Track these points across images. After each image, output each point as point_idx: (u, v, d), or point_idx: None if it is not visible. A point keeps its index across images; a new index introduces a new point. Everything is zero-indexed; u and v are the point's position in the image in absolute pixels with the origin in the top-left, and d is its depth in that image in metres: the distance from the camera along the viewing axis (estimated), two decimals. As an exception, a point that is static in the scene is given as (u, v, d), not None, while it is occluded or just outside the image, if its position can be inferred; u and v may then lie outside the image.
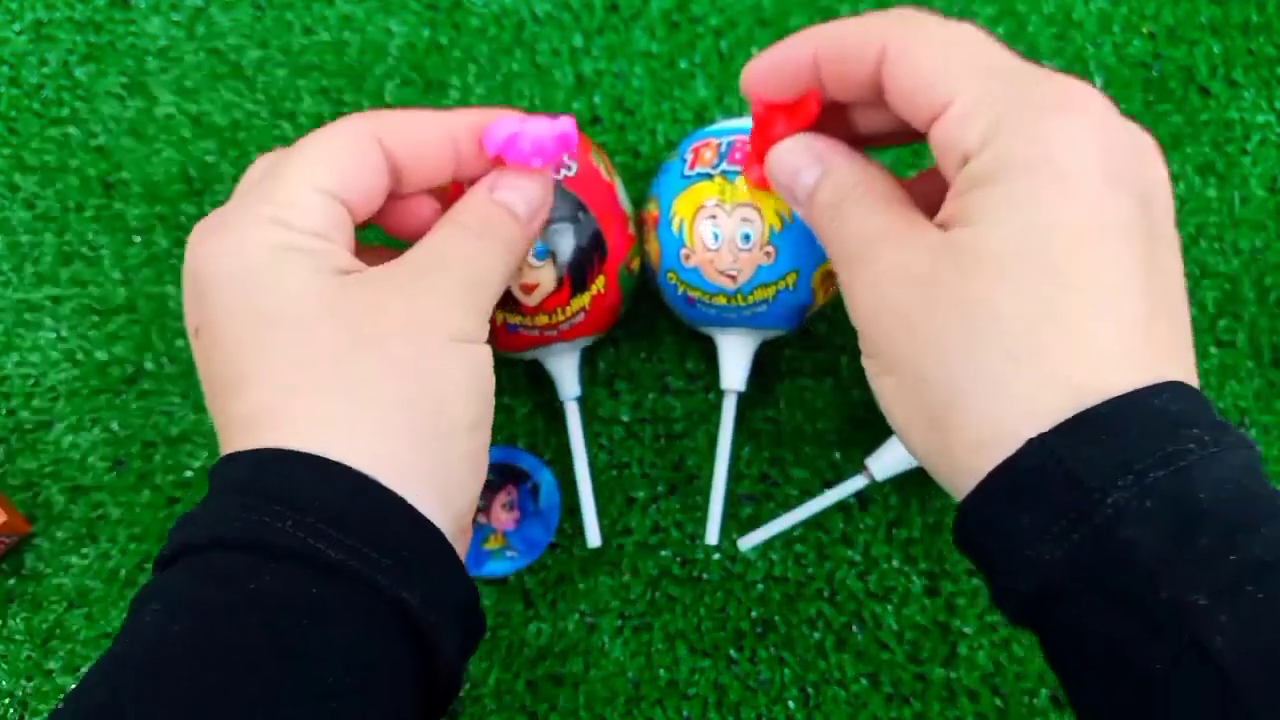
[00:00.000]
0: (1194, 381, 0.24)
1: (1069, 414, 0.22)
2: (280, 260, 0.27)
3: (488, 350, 0.29)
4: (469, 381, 0.28)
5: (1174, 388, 0.23)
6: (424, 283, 0.28)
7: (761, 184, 0.34)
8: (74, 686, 0.23)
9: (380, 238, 0.34)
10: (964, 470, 0.24)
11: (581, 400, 0.40)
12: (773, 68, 0.29)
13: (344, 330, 0.26)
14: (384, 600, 0.24)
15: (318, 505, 0.24)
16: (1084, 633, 0.22)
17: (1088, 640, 0.22)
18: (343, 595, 0.24)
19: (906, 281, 0.25)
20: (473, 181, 0.34)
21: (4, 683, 0.39)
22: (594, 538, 0.39)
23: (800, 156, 0.30)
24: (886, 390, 0.27)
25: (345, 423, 0.26)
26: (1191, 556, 0.20)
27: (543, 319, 0.36)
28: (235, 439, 0.26)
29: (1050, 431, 0.22)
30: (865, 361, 0.27)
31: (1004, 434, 0.23)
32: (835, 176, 0.29)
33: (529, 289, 0.35)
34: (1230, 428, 0.23)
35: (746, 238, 0.35)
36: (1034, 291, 0.23)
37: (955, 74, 0.25)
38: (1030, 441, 0.22)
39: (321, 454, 0.25)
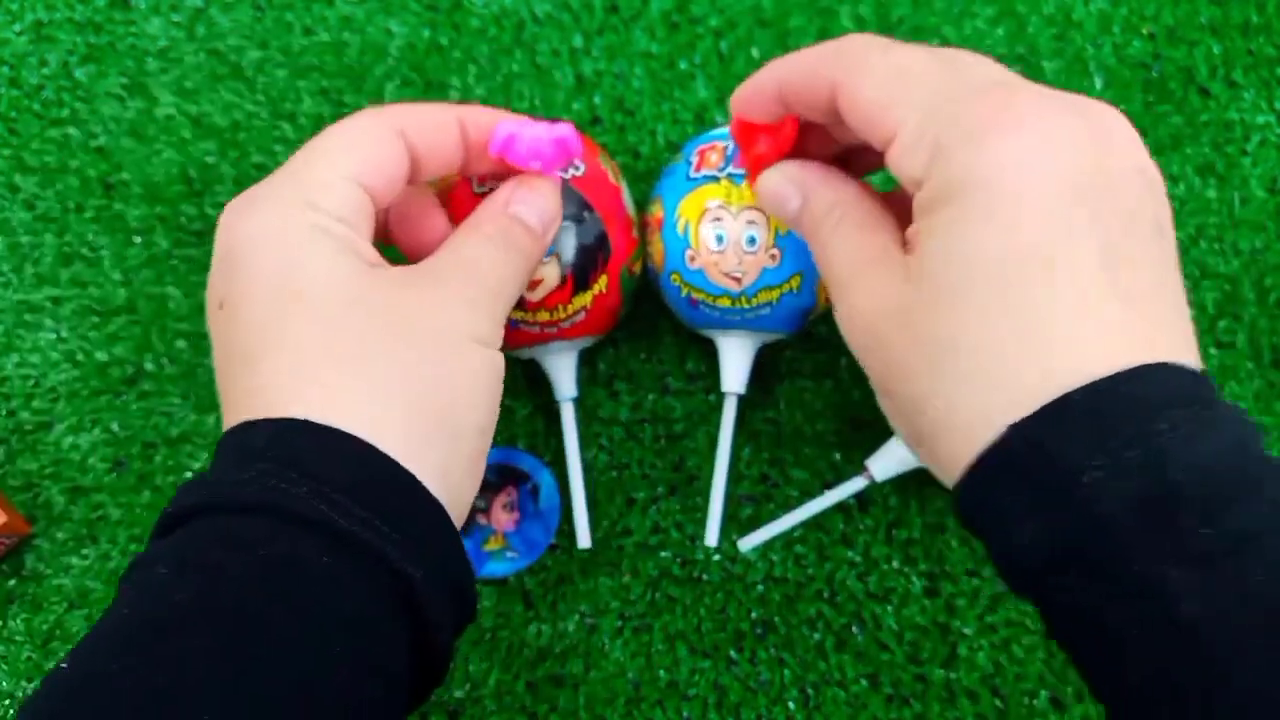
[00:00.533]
0: (1189, 355, 0.24)
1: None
2: (312, 241, 0.28)
3: (501, 358, 0.30)
4: (483, 384, 0.29)
5: (1154, 371, 0.23)
6: (449, 284, 0.29)
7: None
8: (74, 648, 0.23)
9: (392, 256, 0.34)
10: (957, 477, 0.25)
11: (577, 402, 0.40)
12: (750, 98, 0.30)
13: (368, 318, 0.27)
14: (391, 573, 0.25)
15: (333, 475, 0.25)
16: (1070, 604, 0.23)
17: (1074, 611, 0.23)
18: (353, 565, 0.24)
19: (878, 313, 0.26)
20: (485, 178, 0.35)
21: (4, 684, 0.39)
22: (584, 539, 0.39)
23: (783, 185, 0.31)
24: (886, 409, 0.28)
25: (362, 408, 0.26)
26: (1163, 531, 0.21)
27: (544, 315, 0.36)
28: (248, 410, 0.26)
29: (1029, 418, 0.23)
30: (872, 384, 0.28)
31: (976, 450, 0.24)
32: (812, 204, 0.30)
33: (533, 284, 0.35)
34: (1218, 404, 0.23)
35: (752, 240, 0.35)
36: (982, 323, 0.24)
37: (896, 106, 0.26)
38: (1011, 428, 0.23)
39: (339, 428, 0.25)
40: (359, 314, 0.27)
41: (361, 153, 0.29)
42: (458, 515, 0.28)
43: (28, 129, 0.45)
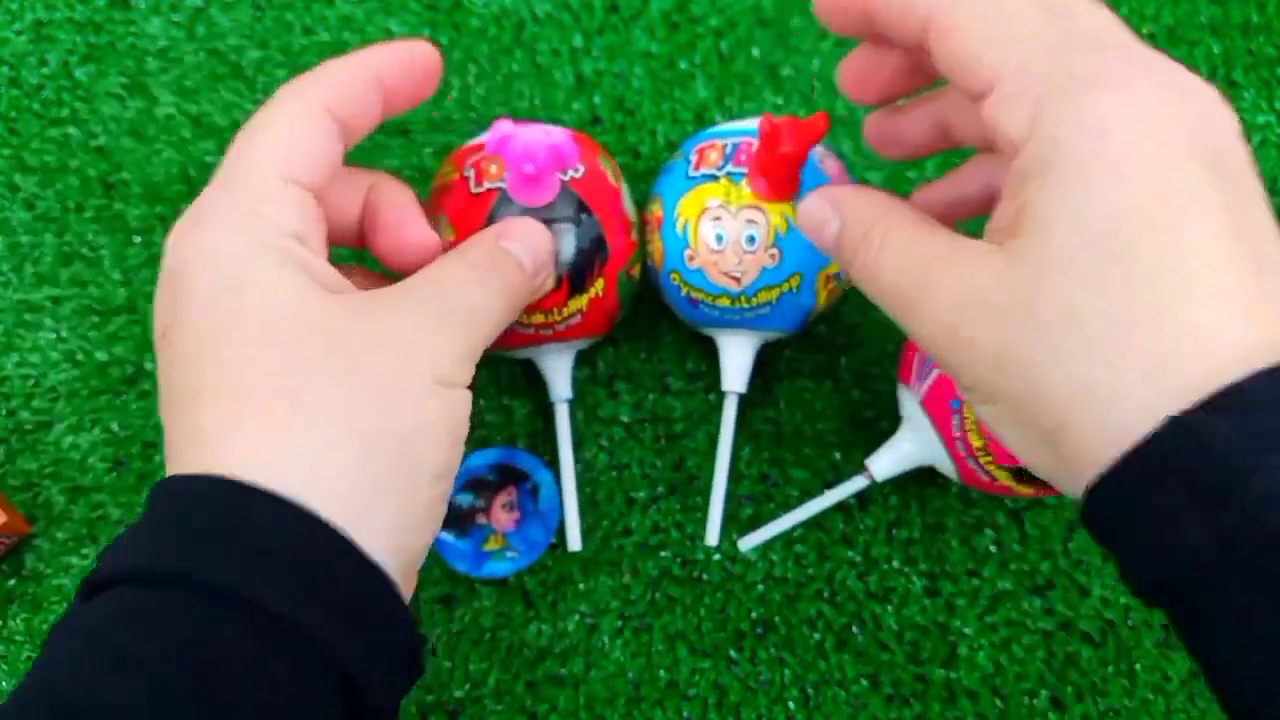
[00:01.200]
0: None
1: (1193, 397, 0.21)
2: (259, 263, 0.26)
3: (468, 396, 0.28)
4: (444, 427, 0.26)
5: None
6: (418, 314, 0.27)
7: (766, 196, 0.35)
8: None
9: (348, 257, 0.34)
10: (1087, 481, 0.23)
11: (573, 404, 0.40)
12: (836, 6, 0.28)
13: (319, 351, 0.25)
14: (320, 652, 0.23)
15: (261, 544, 0.23)
16: (1232, 616, 0.21)
17: (1236, 624, 0.21)
18: (277, 646, 0.22)
19: (971, 307, 0.24)
20: (482, 178, 0.34)
21: (4, 683, 0.39)
22: (575, 542, 0.39)
23: (821, 208, 0.29)
24: (989, 417, 0.25)
25: (303, 458, 0.24)
26: None
27: (538, 317, 0.36)
28: (182, 456, 0.25)
29: (1196, 409, 0.21)
30: (962, 393, 0.26)
31: (1121, 438, 0.22)
32: (849, 224, 0.28)
33: None
34: None
35: (751, 240, 0.35)
36: (1112, 288, 0.21)
37: (994, 53, 0.24)
38: (1168, 421, 0.21)
39: (274, 486, 0.23)
40: (309, 346, 0.25)
41: (294, 145, 0.27)
42: (413, 563, 0.26)
43: (28, 129, 0.45)
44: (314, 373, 0.25)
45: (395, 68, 0.30)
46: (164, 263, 0.27)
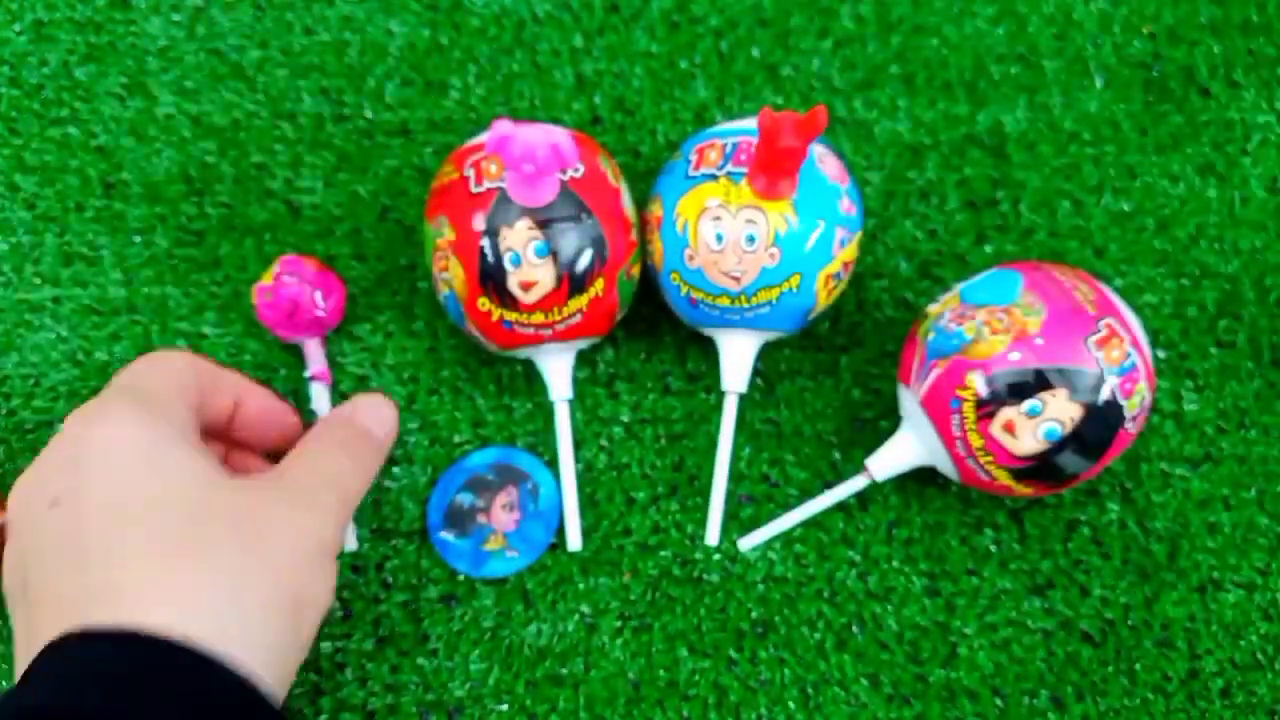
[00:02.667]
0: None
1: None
2: (165, 452, 0.30)
3: (337, 562, 0.33)
4: (326, 590, 0.31)
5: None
6: (304, 498, 0.32)
7: (767, 194, 0.35)
8: None
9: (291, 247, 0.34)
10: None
11: (573, 403, 0.40)
12: None
13: (225, 529, 0.29)
14: None
15: (168, 705, 0.26)
16: None
17: None
18: None
19: None
20: (482, 178, 0.34)
21: (4, 683, 0.39)
22: (575, 542, 0.39)
23: None
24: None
25: (221, 613, 0.28)
26: None
27: (538, 317, 0.36)
28: (80, 611, 0.27)
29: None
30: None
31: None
32: None
33: (527, 286, 0.35)
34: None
35: (751, 239, 0.35)
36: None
37: None
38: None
39: (198, 640, 0.27)
40: (215, 523, 0.29)
41: (182, 371, 0.33)
42: (283, 692, 0.30)
43: (28, 129, 0.45)
44: (221, 545, 0.29)
45: (257, 407, 0.37)
46: (62, 447, 0.30)
